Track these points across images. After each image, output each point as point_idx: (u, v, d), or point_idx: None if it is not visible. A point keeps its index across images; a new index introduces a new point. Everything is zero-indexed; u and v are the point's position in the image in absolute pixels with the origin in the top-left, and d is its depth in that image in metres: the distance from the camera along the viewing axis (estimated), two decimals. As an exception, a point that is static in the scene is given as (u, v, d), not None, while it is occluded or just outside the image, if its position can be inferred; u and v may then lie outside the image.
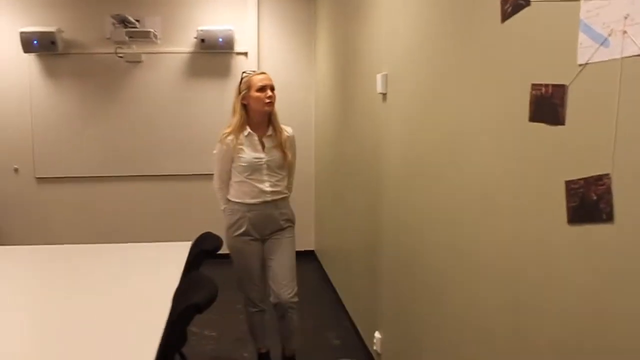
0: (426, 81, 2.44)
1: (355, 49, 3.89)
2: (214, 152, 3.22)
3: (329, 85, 5.05)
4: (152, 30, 5.47)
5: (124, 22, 5.39)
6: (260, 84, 3.08)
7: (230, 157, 3.14)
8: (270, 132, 3.18)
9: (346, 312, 4.40)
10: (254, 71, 3.20)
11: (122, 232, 5.90)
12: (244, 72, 3.19)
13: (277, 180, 3.19)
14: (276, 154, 3.17)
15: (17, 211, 5.99)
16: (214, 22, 5.73)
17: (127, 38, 5.41)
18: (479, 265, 1.97)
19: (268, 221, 3.22)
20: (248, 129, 3.13)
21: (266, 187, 3.15)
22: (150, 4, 5.79)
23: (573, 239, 1.41)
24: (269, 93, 3.10)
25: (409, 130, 2.70)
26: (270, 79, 3.14)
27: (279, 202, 3.22)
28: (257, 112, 3.13)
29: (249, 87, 3.10)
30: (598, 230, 1.31)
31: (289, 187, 3.36)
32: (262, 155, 3.13)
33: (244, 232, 3.19)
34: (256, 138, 3.15)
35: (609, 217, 1.28)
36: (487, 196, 1.89)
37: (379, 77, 3.09)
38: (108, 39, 5.65)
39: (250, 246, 3.22)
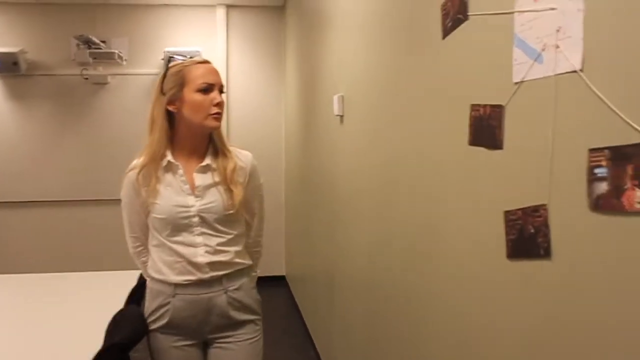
0: (378, 103, 2.32)
1: (316, 69, 3.79)
2: (121, 195, 2.00)
3: (296, 106, 4.95)
4: (116, 51, 5.34)
5: (88, 43, 5.25)
6: (203, 80, 1.85)
7: (140, 204, 1.94)
8: (207, 160, 1.95)
9: (312, 342, 4.23)
10: (186, 58, 2.09)
11: (86, 259, 5.69)
12: (171, 57, 2.06)
13: (222, 243, 1.94)
14: (216, 197, 1.92)
15: (-24, 237, 5.77)
16: (181, 43, 5.61)
17: (91, 59, 5.27)
18: (424, 298, 1.83)
19: (206, 313, 1.95)
20: (169, 156, 1.90)
21: (200, 255, 1.90)
22: (117, 25, 5.67)
23: (512, 276, 1.28)
24: (218, 97, 1.88)
25: (362, 154, 2.57)
26: (218, 73, 1.93)
27: (226, 280, 1.96)
28: (193, 129, 1.90)
29: (181, 84, 1.85)
30: (536, 267, 1.18)
31: (253, 251, 2.15)
32: (189, 200, 1.90)
33: (167, 326, 1.96)
34: (181, 171, 1.91)
35: (546, 253, 1.14)
36: (431, 226, 1.76)
37: (335, 98, 2.97)
38: (73, 60, 5.50)
39: (179, 353, 1.99)
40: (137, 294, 2.58)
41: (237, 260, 1.99)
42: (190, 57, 2.01)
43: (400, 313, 2.09)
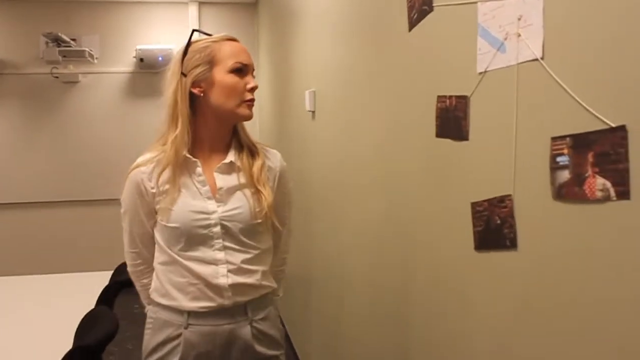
0: (349, 98, 2.30)
1: (289, 65, 3.76)
2: (121, 198, 1.64)
3: (270, 102, 4.92)
4: (87, 49, 5.24)
5: (57, 40, 5.15)
6: (237, 58, 1.55)
7: (146, 210, 1.58)
8: (231, 157, 1.61)
9: (289, 339, 4.20)
10: (210, 35, 1.62)
11: (59, 260, 5.58)
12: (195, 31, 1.62)
13: (247, 260, 1.57)
14: (242, 202, 1.58)
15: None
16: (154, 41, 5.53)
17: (60, 57, 5.17)
18: (394, 291, 1.82)
19: (225, 349, 1.59)
20: (185, 152, 1.54)
21: (222, 275, 1.54)
22: (87, 22, 5.56)
23: (481, 268, 1.27)
24: (253, 81, 1.59)
25: (334, 149, 2.56)
26: (249, 54, 1.62)
27: (251, 308, 1.61)
28: (220, 118, 1.58)
29: (211, 62, 1.54)
30: (503, 257, 1.17)
31: (277, 271, 1.80)
32: (210, 205, 1.55)
33: None
34: (200, 169, 1.56)
35: (512, 244, 1.13)
36: (402, 219, 1.75)
37: (307, 93, 2.95)
38: (42, 58, 5.39)
39: None
40: (109, 293, 2.54)
41: (264, 282, 1.62)
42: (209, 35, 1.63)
43: (371, 307, 2.08)
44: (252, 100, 1.58)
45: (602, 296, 0.89)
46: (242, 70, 1.56)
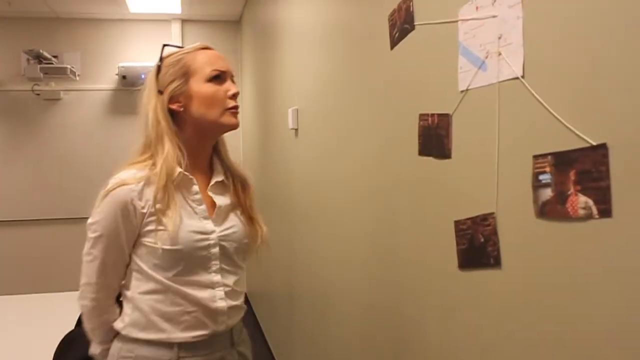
0: (331, 116, 2.30)
1: (272, 83, 3.77)
2: (91, 220, 1.42)
3: (253, 120, 4.91)
4: (69, 66, 5.20)
5: (38, 57, 5.11)
6: (213, 66, 1.47)
7: (129, 235, 1.41)
8: (220, 175, 1.55)
9: (273, 357, 4.16)
10: (181, 47, 1.54)
11: (38, 280, 5.49)
12: (166, 45, 1.53)
13: (237, 282, 1.51)
14: (235, 221, 1.53)
15: None
16: (136, 58, 5.51)
17: (42, 74, 5.13)
18: (379, 310, 1.81)
19: None
20: (179, 169, 1.42)
21: (219, 298, 1.45)
22: (69, 39, 5.53)
23: (465, 286, 1.26)
24: (233, 87, 1.49)
25: (317, 167, 2.55)
26: (225, 59, 1.54)
27: (235, 332, 1.55)
28: (204, 131, 1.50)
29: (186, 75, 1.45)
30: (487, 276, 1.16)
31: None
32: (207, 225, 1.46)
33: None
34: (196, 187, 1.47)
35: (496, 262, 1.13)
36: (386, 238, 1.74)
37: (290, 111, 2.95)
38: (23, 75, 5.35)
39: None
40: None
41: (244, 304, 1.57)
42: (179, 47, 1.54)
43: (357, 329, 2.06)
44: (236, 107, 1.49)
45: (585, 314, 0.89)
46: (220, 77, 1.47)
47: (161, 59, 1.49)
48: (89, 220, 1.42)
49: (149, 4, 5.19)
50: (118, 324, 1.45)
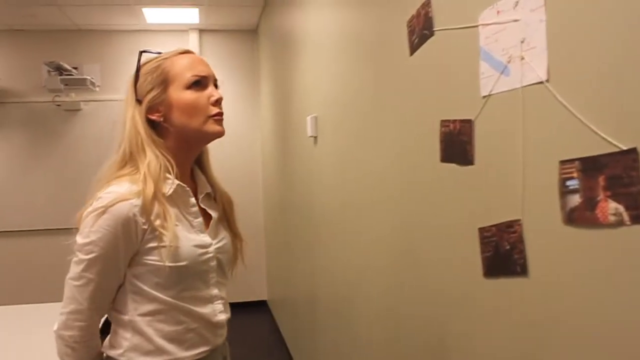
0: (350, 123, 2.29)
1: (290, 91, 3.77)
2: (82, 241, 1.29)
3: (271, 128, 4.92)
4: (88, 77, 5.27)
5: (59, 69, 5.18)
6: (192, 72, 1.37)
7: (130, 251, 1.30)
8: (206, 187, 1.50)
9: (295, 367, 4.15)
10: (160, 53, 1.43)
11: (61, 289, 5.54)
12: (142, 51, 1.43)
13: (226, 293, 1.49)
14: (224, 233, 1.49)
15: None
16: (155, 68, 5.56)
17: (62, 86, 5.20)
18: (403, 319, 1.79)
19: None
20: (171, 177, 1.34)
21: (219, 311, 1.44)
22: (89, 51, 5.61)
23: (490, 295, 1.24)
24: (216, 93, 1.40)
25: (337, 174, 2.54)
26: (207, 63, 1.45)
27: (225, 343, 1.53)
28: (187, 140, 1.40)
29: (164, 82, 1.36)
30: (513, 284, 1.14)
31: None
32: (206, 238, 1.40)
33: None
34: (193, 200, 1.41)
35: (523, 270, 1.11)
36: (408, 245, 1.72)
37: (309, 119, 2.94)
38: (44, 87, 5.42)
39: None
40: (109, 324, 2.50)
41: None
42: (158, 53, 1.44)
43: (381, 335, 2.04)
44: (220, 114, 1.39)
45: (616, 321, 0.87)
46: (201, 82, 1.38)
47: (138, 67, 1.40)
48: (81, 241, 1.28)
49: (166, 15, 5.25)
50: (113, 351, 1.35)
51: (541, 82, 1.00)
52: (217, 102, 1.39)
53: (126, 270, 1.32)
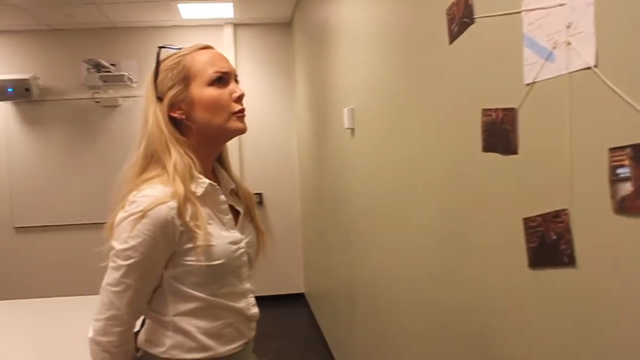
0: (388, 114, 2.28)
1: (326, 83, 3.76)
2: (121, 247, 1.27)
3: (307, 121, 4.92)
4: (126, 73, 5.35)
5: (97, 66, 5.28)
6: (214, 68, 1.36)
7: (169, 254, 1.30)
8: (230, 184, 1.49)
9: (333, 359, 4.15)
10: (181, 48, 1.42)
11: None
12: (161, 47, 1.41)
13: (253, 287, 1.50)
14: (250, 228, 1.50)
15: (-5, 262, 5.78)
16: (190, 63, 5.61)
17: (101, 82, 5.29)
18: (445, 311, 1.77)
19: None
20: (201, 177, 1.35)
21: (252, 305, 1.46)
22: (126, 47, 5.69)
23: (535, 286, 1.22)
24: (238, 89, 1.39)
25: (375, 166, 2.53)
26: (228, 59, 1.43)
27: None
28: (210, 138, 1.40)
29: (186, 79, 1.35)
30: (560, 275, 1.12)
31: None
32: (235, 233, 1.41)
33: None
34: (222, 197, 1.41)
35: (570, 260, 1.08)
36: (450, 237, 1.70)
37: (345, 111, 2.93)
38: (83, 84, 5.53)
39: None
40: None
41: None
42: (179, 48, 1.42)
43: (420, 328, 2.03)
44: (243, 110, 1.38)
45: (672, 316, 0.84)
46: (223, 79, 1.36)
47: (158, 63, 1.39)
48: (119, 247, 1.27)
49: (201, 10, 5.29)
50: (155, 349, 1.36)
51: (589, 68, 0.97)
52: (240, 99, 1.38)
53: (163, 272, 1.33)
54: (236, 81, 1.40)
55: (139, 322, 1.41)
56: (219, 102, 1.35)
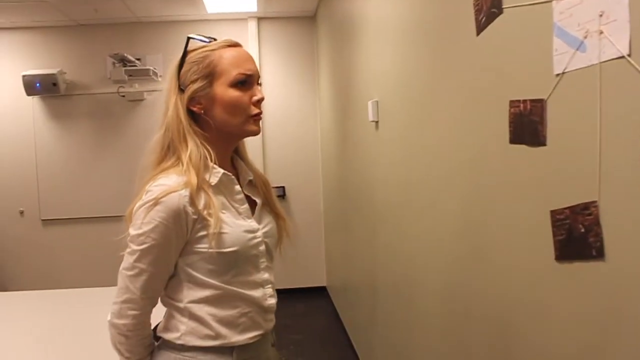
0: (413, 107, 2.26)
1: (350, 76, 3.75)
2: (135, 232, 1.31)
3: (331, 114, 4.92)
4: (151, 68, 5.40)
5: (123, 61, 5.33)
6: (239, 69, 1.37)
7: (182, 241, 1.34)
8: (248, 174, 1.51)
9: (355, 352, 4.16)
10: (210, 38, 1.43)
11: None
12: (190, 38, 1.43)
13: (273, 278, 1.50)
14: (269, 218, 1.51)
15: (23, 254, 5.88)
16: (214, 57, 5.64)
17: (126, 77, 5.35)
18: (468, 305, 1.76)
19: None
20: (216, 167, 1.38)
21: (269, 295, 1.46)
22: (151, 42, 5.74)
23: (563, 279, 1.20)
24: (259, 93, 1.41)
25: (400, 159, 2.52)
26: (253, 59, 1.44)
27: (273, 332, 1.54)
28: (225, 135, 1.42)
29: (210, 76, 1.37)
30: (588, 268, 1.10)
31: None
32: (252, 222, 1.43)
33: None
34: (238, 187, 1.43)
35: (599, 253, 1.07)
36: (475, 230, 1.69)
37: (370, 104, 2.92)
38: (109, 78, 5.60)
39: None
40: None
41: None
42: (210, 38, 1.43)
43: (444, 321, 2.02)
44: (260, 114, 1.41)
45: None
46: (246, 81, 1.38)
47: (185, 53, 1.41)
48: (133, 232, 1.31)
49: (225, 4, 5.31)
50: (170, 334, 1.38)
51: (622, 57, 0.95)
52: (259, 102, 1.40)
53: (178, 260, 1.36)
54: (258, 83, 1.43)
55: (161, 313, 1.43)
56: (239, 104, 1.37)
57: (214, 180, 1.36)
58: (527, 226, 1.34)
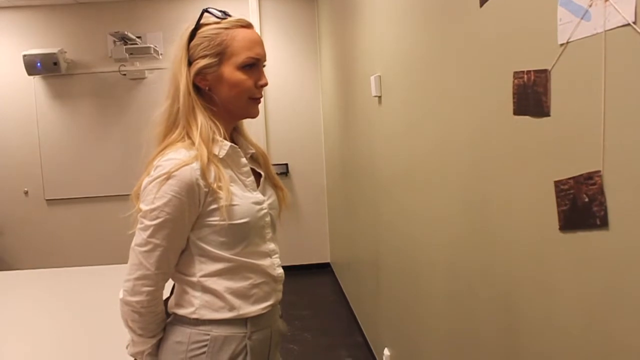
0: (417, 81, 2.26)
1: (352, 51, 3.73)
2: (148, 207, 1.31)
3: (333, 90, 4.90)
4: (152, 46, 5.37)
5: (124, 39, 5.31)
6: (249, 53, 1.38)
7: (195, 214, 1.34)
8: (249, 148, 1.54)
9: (359, 327, 4.20)
10: (224, 13, 1.45)
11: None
12: (206, 11, 1.45)
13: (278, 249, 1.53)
14: (272, 190, 1.54)
15: (27, 233, 5.92)
16: (215, 34, 5.61)
17: (127, 55, 5.32)
18: (471, 276, 1.77)
19: (273, 349, 1.52)
20: (222, 140, 1.40)
21: (277, 265, 1.49)
22: (151, 20, 5.71)
23: (567, 249, 1.21)
24: (264, 79, 1.43)
25: (403, 133, 2.52)
26: (262, 42, 1.45)
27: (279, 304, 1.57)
28: (225, 113, 1.43)
29: (220, 55, 1.37)
30: (592, 237, 1.11)
31: None
32: (258, 194, 1.45)
33: None
34: (244, 160, 1.45)
35: (603, 223, 1.07)
36: (480, 202, 1.69)
37: (372, 79, 2.91)
38: (110, 57, 5.58)
39: None
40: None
41: None
42: (223, 12, 1.45)
43: (446, 293, 2.04)
44: (260, 97, 1.44)
45: None
46: (254, 65, 1.40)
47: (197, 26, 1.41)
48: (145, 208, 1.31)
49: (225, -20, 5.25)
50: (183, 310, 1.39)
51: (627, 25, 0.95)
52: (262, 87, 1.43)
53: (189, 234, 1.37)
54: (263, 66, 1.44)
55: (168, 290, 1.44)
56: (244, 86, 1.39)
57: (222, 153, 1.37)
58: (531, 197, 1.34)
